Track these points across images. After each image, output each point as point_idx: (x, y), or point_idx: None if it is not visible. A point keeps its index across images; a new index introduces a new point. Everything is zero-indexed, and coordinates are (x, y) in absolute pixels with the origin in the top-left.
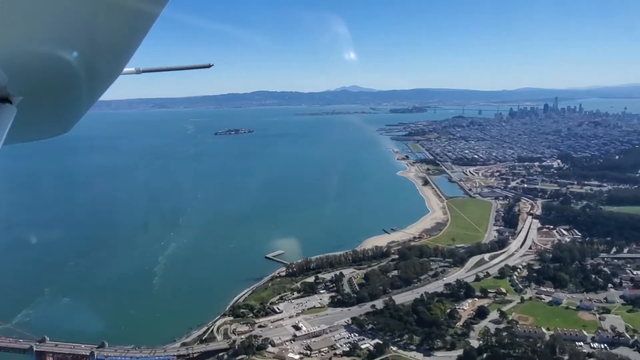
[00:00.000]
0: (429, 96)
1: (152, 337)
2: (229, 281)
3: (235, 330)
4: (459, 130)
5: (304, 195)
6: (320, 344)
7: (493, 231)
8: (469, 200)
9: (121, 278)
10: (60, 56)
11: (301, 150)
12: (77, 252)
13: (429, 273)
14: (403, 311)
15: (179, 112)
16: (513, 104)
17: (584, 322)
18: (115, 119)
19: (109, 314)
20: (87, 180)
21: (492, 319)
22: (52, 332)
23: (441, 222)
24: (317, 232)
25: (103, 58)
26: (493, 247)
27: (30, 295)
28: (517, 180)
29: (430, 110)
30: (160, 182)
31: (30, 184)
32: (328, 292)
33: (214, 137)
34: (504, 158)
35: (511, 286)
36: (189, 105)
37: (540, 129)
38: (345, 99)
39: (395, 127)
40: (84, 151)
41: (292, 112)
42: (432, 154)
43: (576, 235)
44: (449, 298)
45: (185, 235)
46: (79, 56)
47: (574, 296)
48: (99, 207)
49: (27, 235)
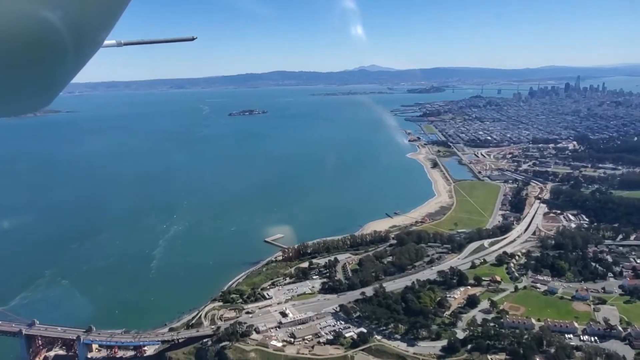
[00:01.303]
0: (448, 75)
1: (144, 320)
2: (226, 265)
3: (222, 316)
4: (475, 110)
5: (311, 178)
6: (305, 332)
7: (498, 216)
8: (477, 183)
9: (120, 261)
10: (40, 22)
11: (313, 132)
12: (80, 234)
13: (424, 259)
14: (392, 299)
15: (197, 93)
16: (535, 83)
17: (578, 313)
18: (135, 99)
19: (104, 297)
20: (99, 163)
21: (482, 309)
22: (46, 315)
23: (446, 206)
24: (319, 215)
25: (85, 25)
26: (494, 233)
27: (31, 278)
28: (529, 163)
29: (449, 90)
30: (169, 164)
31: (41, 167)
32: (320, 278)
33: (227, 118)
34: (518, 139)
35: (507, 274)
36: (207, 85)
37: (560, 109)
38: (363, 79)
39: (411, 107)
40: (100, 132)
41: (308, 93)
42: (444, 135)
43: (583, 220)
44: (441, 286)
45: (188, 219)
46: (59, 22)
47: (570, 285)
48: (105, 190)
49: (33, 216)
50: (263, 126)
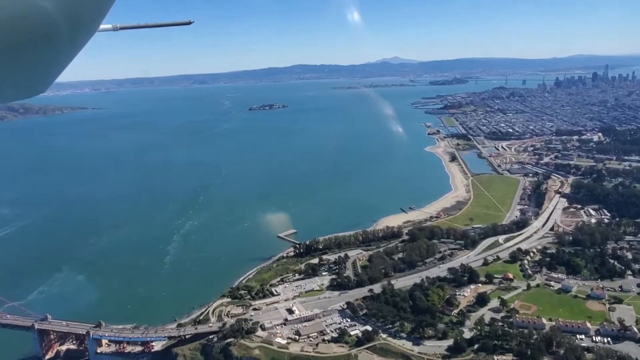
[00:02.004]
0: (472, 66)
1: (155, 315)
2: (238, 261)
3: (230, 312)
4: (498, 102)
5: (326, 172)
6: (310, 329)
7: (516, 210)
8: (496, 177)
9: (135, 256)
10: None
11: (331, 125)
12: (99, 229)
13: (435, 256)
14: (400, 296)
15: (219, 88)
16: (562, 73)
17: (592, 312)
18: (158, 95)
19: (118, 292)
20: (121, 159)
21: (492, 307)
22: (61, 309)
23: (462, 201)
24: (333, 210)
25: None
26: (510, 229)
27: (50, 272)
28: (551, 156)
29: (472, 81)
30: (188, 159)
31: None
32: (330, 274)
33: (247, 113)
34: (541, 131)
35: (520, 271)
36: (229, 80)
37: (586, 100)
38: (385, 71)
39: (432, 99)
40: (124, 128)
41: (329, 86)
42: (465, 128)
43: (605, 215)
44: (451, 283)
45: (203, 214)
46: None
47: (586, 283)
48: (125, 186)
49: (58, 210)
50: (282, 120)
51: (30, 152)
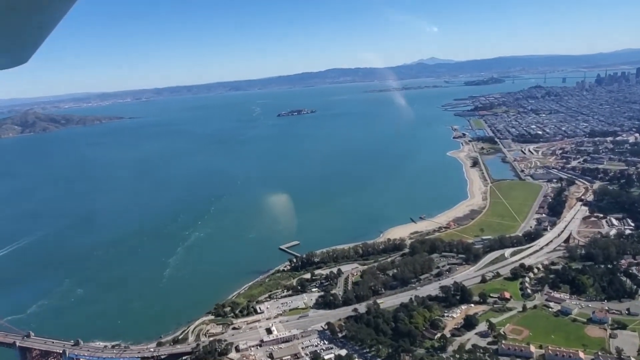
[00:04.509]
0: (510, 64)
1: (143, 331)
2: (235, 274)
3: (208, 331)
4: (532, 102)
5: (342, 180)
6: (285, 352)
7: (532, 220)
8: (517, 183)
9: (137, 269)
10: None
11: (354, 131)
12: (107, 242)
13: (432, 272)
14: (383, 317)
15: (253, 94)
16: (607, 69)
17: (589, 339)
18: (193, 103)
19: (112, 306)
20: (147, 168)
21: (480, 331)
22: (54, 325)
23: (477, 210)
24: (341, 219)
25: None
26: (519, 241)
27: (52, 286)
28: (580, 159)
29: (509, 81)
30: (208, 167)
31: (96, 172)
32: (320, 290)
33: (275, 119)
34: (574, 133)
35: (520, 290)
36: (263, 86)
37: (627, 97)
38: (420, 73)
39: (463, 101)
40: (156, 137)
41: (362, 89)
42: (493, 131)
43: (628, 226)
44: (442, 303)
45: (210, 225)
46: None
47: (590, 305)
48: (143, 196)
49: (72, 222)
50: (308, 126)
51: (63, 163)
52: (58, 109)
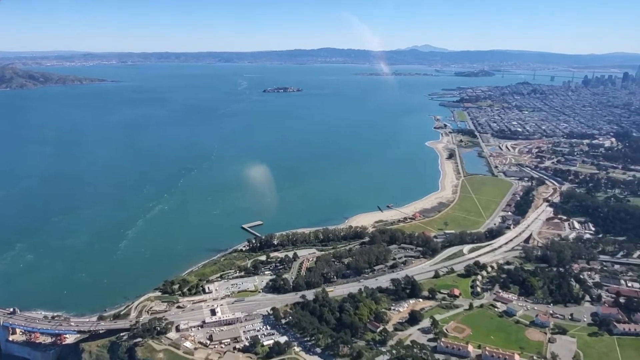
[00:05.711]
0: (503, 58)
1: (88, 304)
2: (192, 251)
3: (151, 309)
4: (517, 98)
5: (318, 161)
6: (225, 335)
7: (498, 217)
8: (489, 179)
9: (93, 239)
10: None
11: (338, 113)
12: (67, 207)
13: (387, 263)
14: (329, 306)
15: (242, 67)
16: (596, 71)
17: (528, 342)
18: (180, 71)
19: (60, 276)
20: (120, 134)
21: (423, 327)
22: None
23: (445, 203)
24: (309, 203)
25: None
26: (479, 238)
27: (3, 249)
28: (554, 160)
29: (499, 75)
30: (184, 139)
31: (66, 135)
32: (272, 274)
33: (260, 95)
34: (552, 132)
35: (470, 288)
36: (254, 60)
37: (610, 101)
38: (413, 59)
39: (450, 91)
40: (135, 103)
41: (353, 71)
42: (475, 124)
43: (588, 230)
44: (391, 296)
45: (176, 198)
46: None
47: (535, 307)
48: (111, 163)
49: (34, 184)
50: (293, 105)
51: (34, 123)
52: (39, 66)
